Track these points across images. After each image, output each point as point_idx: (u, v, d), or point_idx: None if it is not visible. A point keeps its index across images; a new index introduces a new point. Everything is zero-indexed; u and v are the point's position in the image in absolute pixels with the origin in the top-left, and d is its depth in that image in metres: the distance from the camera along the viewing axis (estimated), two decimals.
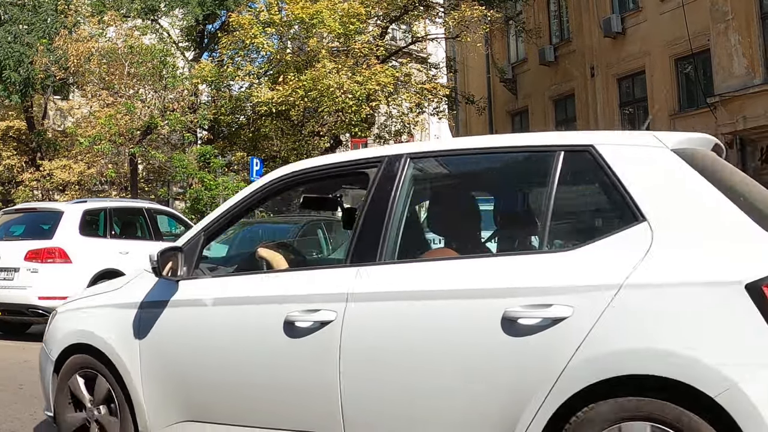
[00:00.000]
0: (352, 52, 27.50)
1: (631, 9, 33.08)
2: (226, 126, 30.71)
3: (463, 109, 40.23)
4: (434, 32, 37.14)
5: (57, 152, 32.57)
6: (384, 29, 31.98)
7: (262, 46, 27.96)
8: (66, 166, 30.02)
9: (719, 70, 26.03)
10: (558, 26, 38.47)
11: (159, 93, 27.66)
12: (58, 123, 36.85)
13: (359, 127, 29.30)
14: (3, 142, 33.57)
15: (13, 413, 8.41)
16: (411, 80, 30.41)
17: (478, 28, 30.44)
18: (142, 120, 26.89)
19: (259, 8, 29.04)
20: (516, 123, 41.74)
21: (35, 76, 27.79)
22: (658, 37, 30.78)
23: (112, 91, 27.01)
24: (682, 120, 30.04)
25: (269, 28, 28.14)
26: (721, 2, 25.61)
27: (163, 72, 27.70)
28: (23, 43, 27.65)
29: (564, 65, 36.86)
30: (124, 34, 27.40)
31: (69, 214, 15.16)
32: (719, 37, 25.80)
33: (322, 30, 26.99)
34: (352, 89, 25.68)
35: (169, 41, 31.04)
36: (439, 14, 33.54)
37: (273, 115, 27.87)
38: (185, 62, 31.17)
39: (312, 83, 25.79)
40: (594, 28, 34.55)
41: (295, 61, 27.90)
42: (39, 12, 28.59)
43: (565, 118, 37.82)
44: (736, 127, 25.51)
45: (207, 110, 29.03)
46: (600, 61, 34.55)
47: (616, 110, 34.14)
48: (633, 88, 33.76)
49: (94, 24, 27.51)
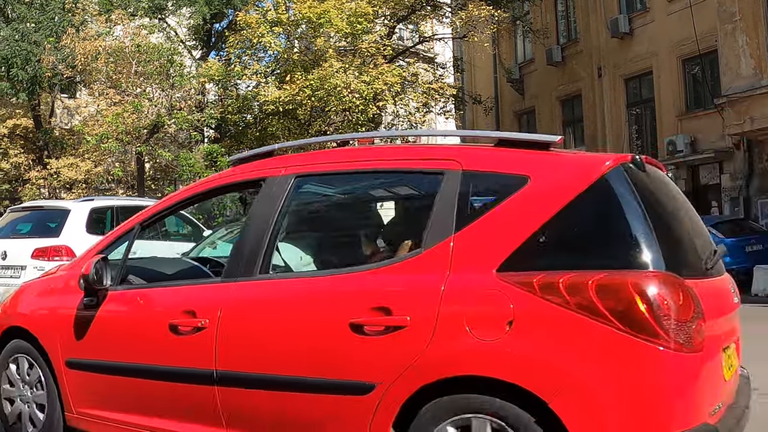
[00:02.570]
0: (359, 52, 27.49)
1: (638, 9, 33.04)
2: (233, 125, 30.69)
3: (470, 109, 40.18)
4: (441, 32, 37.14)
5: (64, 150, 32.62)
6: (391, 29, 31.96)
7: (270, 45, 27.96)
8: (73, 164, 30.07)
9: (726, 70, 25.99)
10: (565, 26, 38.43)
11: (166, 92, 27.66)
12: (65, 121, 36.88)
13: (366, 127, 29.28)
14: (10, 140, 33.62)
15: None
16: (418, 80, 30.39)
17: (485, 28, 30.44)
18: (149, 118, 26.90)
19: (266, 7, 29.01)
20: (523, 123, 41.69)
21: (42, 74, 27.83)
22: (666, 38, 30.74)
23: (119, 90, 27.03)
24: (689, 121, 30.02)
25: (277, 27, 28.12)
26: (729, 3, 25.57)
27: (171, 71, 27.71)
28: (31, 41, 27.69)
29: (571, 65, 36.82)
30: (132, 32, 27.40)
31: (76, 212, 15.15)
32: (726, 37, 25.75)
33: (330, 29, 26.98)
34: (360, 89, 25.67)
35: (176, 40, 31.07)
36: (446, 14, 33.52)
37: (280, 114, 27.86)
38: (192, 61, 31.19)
39: (319, 82, 25.78)
40: (601, 29, 34.51)
41: (302, 61, 27.89)
42: (46, 10, 28.63)
43: (572, 118, 37.80)
44: (743, 128, 25.47)
45: (214, 109, 29.04)
46: (607, 61, 34.51)
47: (623, 110, 34.10)
48: (640, 89, 33.72)
49: (102, 22, 27.53)
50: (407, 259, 4.93)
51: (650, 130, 33.10)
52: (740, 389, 5.30)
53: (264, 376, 5.17)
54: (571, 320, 4.26)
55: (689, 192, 30.07)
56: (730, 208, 27.93)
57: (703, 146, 29.11)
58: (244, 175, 6.13)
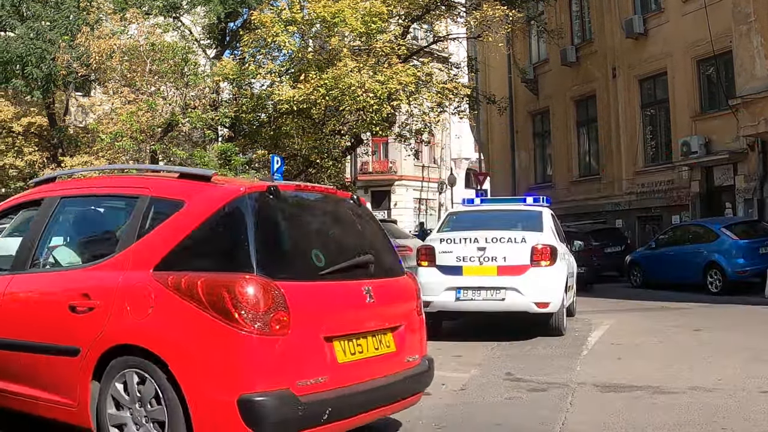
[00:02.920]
0: (373, 51, 27.47)
1: (653, 10, 33.01)
2: (247, 124, 30.69)
3: (485, 109, 40.16)
4: (456, 32, 37.09)
5: (78, 149, 32.67)
6: (406, 28, 31.95)
7: (284, 45, 27.96)
8: (87, 162, 30.11)
9: (741, 71, 25.91)
10: (580, 27, 38.43)
11: (180, 90, 27.67)
12: (79, 119, 36.97)
13: (380, 126, 29.30)
14: (25, 138, 33.72)
15: None
16: (432, 80, 30.34)
17: (499, 28, 30.41)
18: (164, 117, 26.92)
19: (281, 6, 29.03)
20: (537, 123, 41.73)
21: (57, 72, 27.86)
22: (680, 39, 30.70)
23: (133, 88, 27.04)
24: (704, 122, 29.95)
25: (291, 26, 28.11)
26: (744, 4, 25.48)
27: (185, 69, 27.71)
28: (45, 39, 27.74)
29: (586, 66, 36.81)
30: (146, 31, 27.40)
31: None
32: (741, 38, 25.67)
33: (344, 29, 26.97)
34: (374, 88, 25.66)
35: (190, 39, 31.09)
36: (460, 14, 33.48)
37: (294, 114, 27.88)
38: (207, 60, 31.20)
39: (333, 82, 25.77)
40: (616, 29, 34.49)
41: (316, 60, 27.88)
42: (61, 9, 28.68)
43: (587, 118, 37.79)
44: (758, 129, 25.39)
45: (228, 108, 29.04)
46: (622, 61, 34.49)
47: (638, 111, 34.08)
48: (655, 90, 33.68)
49: (116, 21, 27.55)
50: (107, 259, 6.78)
51: (664, 131, 33.06)
52: (399, 373, 7.05)
53: (15, 341, 7.01)
54: (187, 308, 6.00)
55: (703, 194, 30.05)
56: (744, 209, 27.85)
57: (717, 147, 29.04)
58: (33, 195, 8.05)
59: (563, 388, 9.74)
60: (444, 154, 66.94)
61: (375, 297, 6.87)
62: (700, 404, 8.68)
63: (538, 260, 13.95)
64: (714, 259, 23.33)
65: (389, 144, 57.28)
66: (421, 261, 14.71)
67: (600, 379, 10.27)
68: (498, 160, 45.15)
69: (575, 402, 9.02)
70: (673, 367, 11.09)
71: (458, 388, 9.86)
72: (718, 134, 29.08)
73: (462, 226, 15.39)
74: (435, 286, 14.14)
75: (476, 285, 14.04)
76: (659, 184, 32.80)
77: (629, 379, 10.28)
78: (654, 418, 8.10)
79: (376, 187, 62.81)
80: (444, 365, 11.10)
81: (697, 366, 11.18)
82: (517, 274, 13.89)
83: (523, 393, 9.59)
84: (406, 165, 61.09)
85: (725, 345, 13.14)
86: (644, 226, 34.11)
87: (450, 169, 64.41)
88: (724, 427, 7.68)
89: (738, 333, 14.90)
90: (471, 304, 14.20)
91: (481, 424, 8.21)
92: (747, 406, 8.55)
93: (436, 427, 7.99)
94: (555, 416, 8.34)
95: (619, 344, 13.59)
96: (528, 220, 15.60)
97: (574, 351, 12.79)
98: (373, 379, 6.69)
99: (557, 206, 23.89)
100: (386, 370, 6.90)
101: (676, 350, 12.83)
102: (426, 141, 41.15)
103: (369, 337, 6.76)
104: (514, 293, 13.83)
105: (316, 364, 6.17)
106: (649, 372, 10.79)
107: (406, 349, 7.21)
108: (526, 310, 13.97)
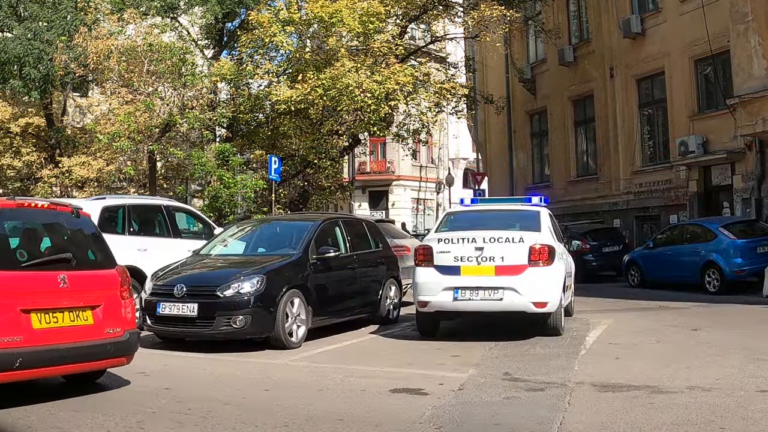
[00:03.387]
0: (371, 51, 27.49)
1: (650, 10, 32.99)
2: (245, 124, 30.70)
3: (482, 109, 40.21)
4: (453, 32, 37.13)
5: (76, 149, 32.69)
6: (403, 28, 31.96)
7: (282, 45, 27.98)
8: (85, 162, 30.12)
9: (739, 71, 25.87)
10: (577, 27, 38.41)
11: (178, 91, 27.68)
12: (77, 120, 36.96)
13: (378, 126, 29.33)
14: (22, 139, 33.67)
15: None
16: (430, 80, 30.39)
17: (497, 28, 30.42)
18: (161, 117, 26.93)
19: (278, 6, 29.01)
20: (535, 123, 41.70)
21: (55, 73, 27.86)
22: (678, 38, 30.67)
23: (131, 89, 27.06)
24: (701, 121, 29.93)
25: (289, 26, 28.13)
26: (741, 3, 25.45)
27: (183, 70, 27.73)
28: (43, 40, 27.73)
29: (583, 66, 36.79)
30: (144, 31, 27.42)
31: (88, 210, 15.16)
32: (739, 38, 25.64)
33: (342, 29, 27.00)
34: (371, 88, 25.67)
35: (188, 39, 31.06)
36: (458, 14, 33.49)
37: (292, 114, 27.89)
38: (204, 60, 31.18)
39: (331, 82, 25.79)
40: (613, 29, 34.47)
41: (314, 60, 27.91)
42: (59, 9, 28.67)
43: (584, 118, 37.76)
44: (755, 129, 25.35)
45: (226, 108, 29.06)
46: (619, 61, 34.47)
47: (636, 111, 34.05)
48: (652, 89, 33.65)
49: (114, 21, 27.55)
50: None
51: (662, 130, 33.03)
52: (98, 341, 9.02)
53: None
54: None
55: (701, 193, 30.05)
56: (742, 209, 27.81)
57: (715, 147, 29.02)
58: None
59: (561, 388, 9.73)
60: (442, 154, 66.88)
61: (69, 283, 8.84)
62: (698, 404, 8.66)
63: (535, 260, 13.90)
64: (712, 259, 23.31)
65: (387, 144, 57.23)
66: (418, 261, 14.65)
67: (598, 379, 10.26)
68: (496, 160, 45.11)
69: (573, 402, 9.00)
70: (671, 367, 11.09)
71: (456, 388, 9.84)
72: (715, 134, 29.05)
73: (460, 226, 15.30)
74: (433, 286, 14.13)
75: (474, 285, 13.96)
76: (657, 183, 32.78)
77: (627, 378, 10.27)
78: (652, 418, 8.08)
79: (373, 187, 62.81)
80: (442, 365, 11.09)
81: (695, 365, 11.17)
82: (514, 274, 13.84)
83: (521, 393, 9.57)
84: (404, 165, 61.06)
85: (723, 344, 13.12)
86: (642, 225, 34.07)
87: (448, 169, 64.36)
88: (723, 426, 7.68)
89: (736, 332, 14.89)
90: (469, 304, 14.13)
91: (479, 423, 8.19)
92: (745, 405, 8.53)
93: (434, 426, 7.98)
94: (553, 416, 8.32)
95: (617, 344, 13.59)
96: (526, 220, 15.55)
97: (572, 351, 12.77)
98: (67, 343, 8.64)
99: (555, 206, 23.84)
100: (82, 337, 8.83)
101: (674, 350, 12.82)
102: (424, 141, 41.17)
103: (66, 312, 8.75)
104: (512, 293, 13.77)
105: (13, 328, 8.14)
106: (648, 372, 10.78)
107: (106, 323, 9.16)
108: (524, 309, 13.91)
